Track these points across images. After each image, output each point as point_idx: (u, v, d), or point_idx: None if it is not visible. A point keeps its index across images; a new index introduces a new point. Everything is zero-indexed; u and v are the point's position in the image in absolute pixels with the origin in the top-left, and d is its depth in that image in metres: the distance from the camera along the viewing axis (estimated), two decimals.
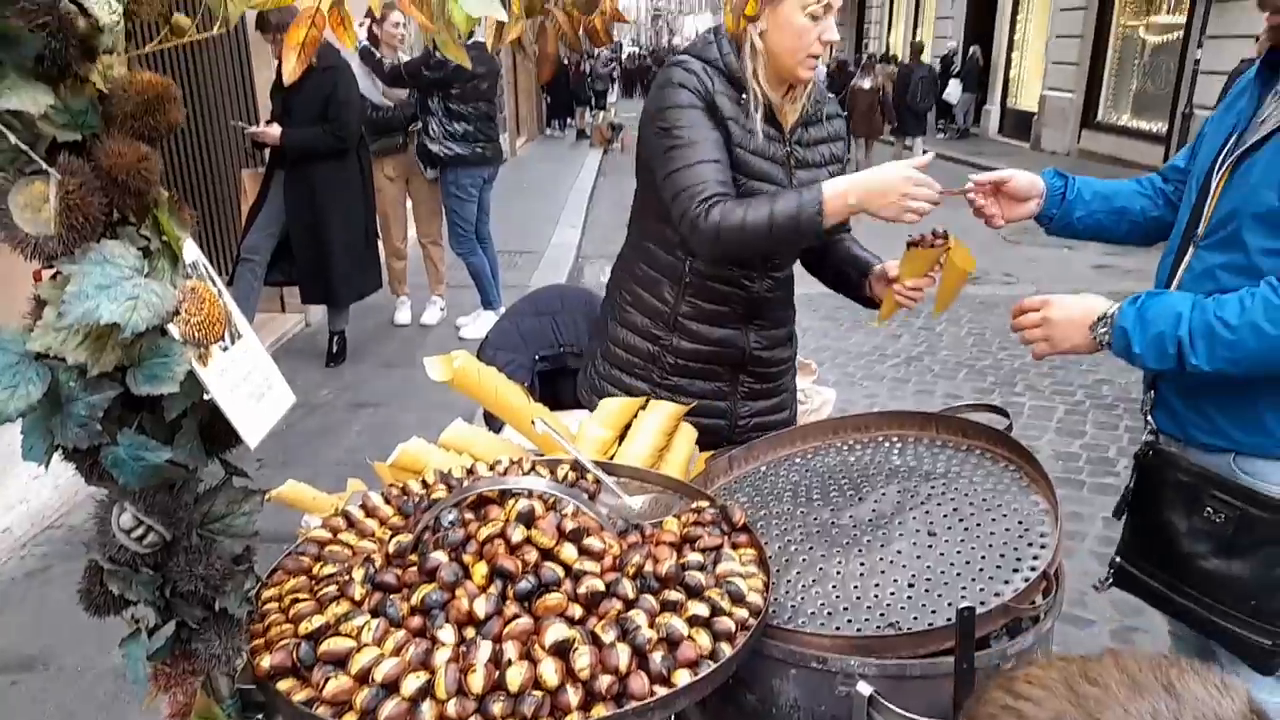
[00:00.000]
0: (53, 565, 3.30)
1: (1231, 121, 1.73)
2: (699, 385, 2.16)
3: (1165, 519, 1.80)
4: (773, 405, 2.23)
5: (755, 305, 2.10)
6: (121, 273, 1.00)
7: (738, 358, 2.14)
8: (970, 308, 6.57)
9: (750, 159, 1.93)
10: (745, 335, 2.12)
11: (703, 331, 2.10)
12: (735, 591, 1.34)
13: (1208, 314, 1.55)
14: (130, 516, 1.08)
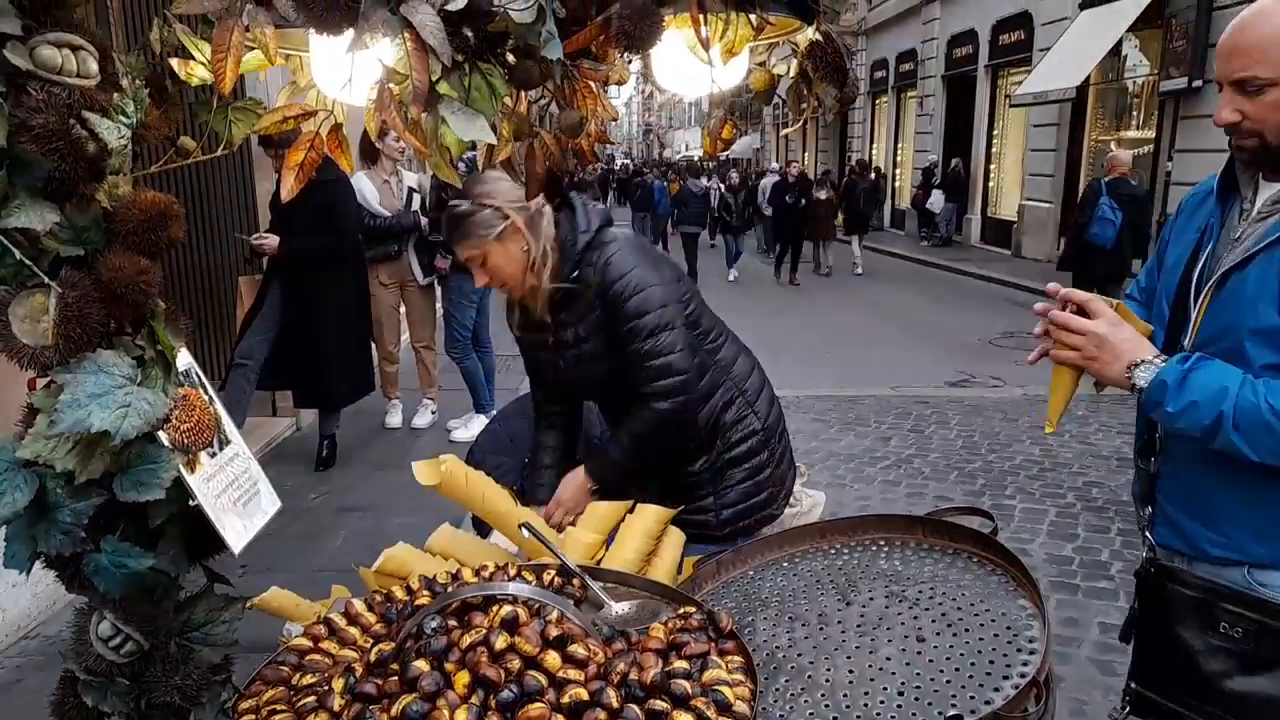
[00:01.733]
0: (25, 678, 3.20)
1: (1194, 234, 1.76)
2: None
3: (1177, 638, 1.70)
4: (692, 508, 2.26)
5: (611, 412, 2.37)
6: (115, 381, 1.02)
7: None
8: (959, 410, 6.62)
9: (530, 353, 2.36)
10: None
11: None
12: (721, 701, 1.32)
13: (1259, 397, 1.47)
14: (109, 625, 1.07)
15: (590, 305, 2.12)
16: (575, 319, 2.16)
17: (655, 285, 2.08)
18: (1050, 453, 5.56)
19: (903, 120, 23.57)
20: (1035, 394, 7.03)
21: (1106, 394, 6.87)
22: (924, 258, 17.21)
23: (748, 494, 2.28)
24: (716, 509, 2.25)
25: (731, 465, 2.26)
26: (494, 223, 2.06)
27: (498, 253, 2.08)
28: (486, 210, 2.05)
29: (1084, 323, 1.63)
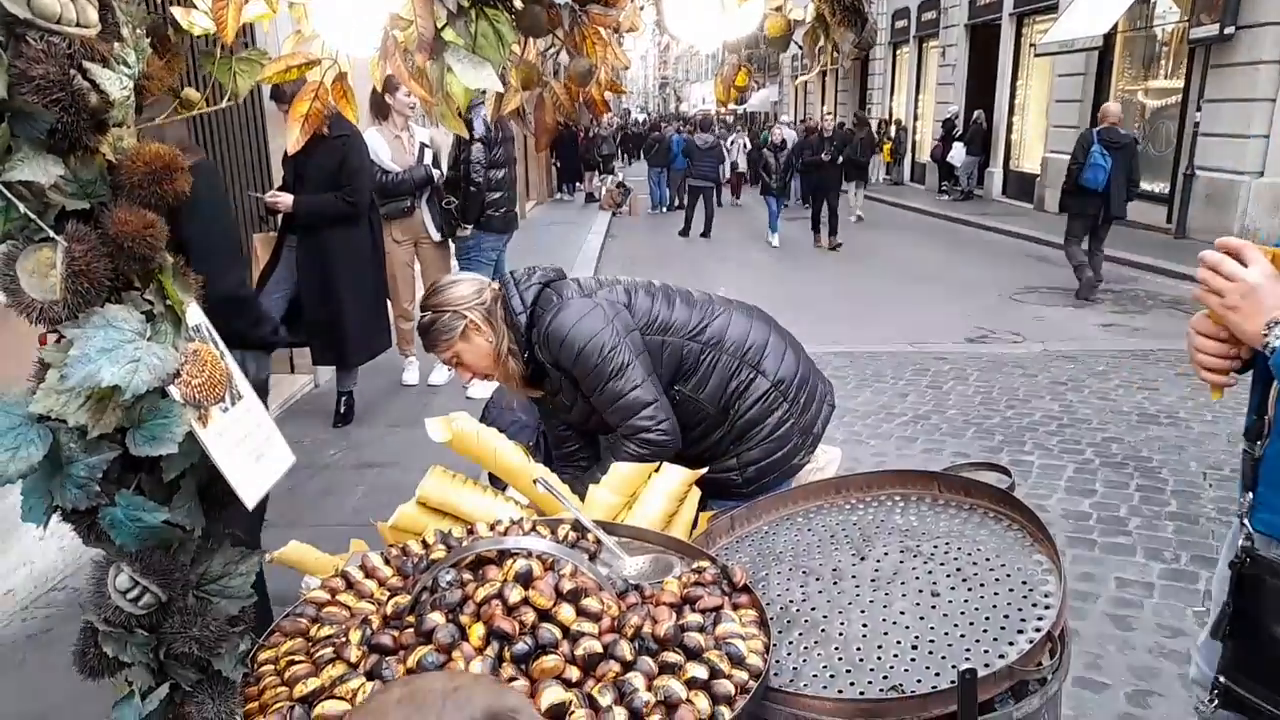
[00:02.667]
0: (54, 627, 3.28)
1: None
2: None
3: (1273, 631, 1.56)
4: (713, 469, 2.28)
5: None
6: (124, 336, 1.02)
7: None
8: (978, 365, 6.57)
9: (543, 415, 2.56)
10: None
11: None
12: (735, 653, 1.32)
13: None
14: (126, 578, 1.08)
15: (557, 375, 2.23)
16: (557, 388, 2.26)
17: (598, 331, 2.14)
18: (1070, 409, 5.52)
19: (924, 71, 23.11)
20: (1055, 350, 6.97)
21: (1127, 349, 6.81)
22: (944, 212, 16.98)
23: (770, 450, 2.27)
24: (740, 467, 2.25)
25: (749, 427, 2.26)
26: (454, 325, 2.20)
27: (467, 351, 2.22)
28: (445, 314, 2.19)
29: (1235, 268, 1.49)
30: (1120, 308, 8.69)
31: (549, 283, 2.26)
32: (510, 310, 2.21)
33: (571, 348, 2.14)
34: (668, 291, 2.34)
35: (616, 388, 2.15)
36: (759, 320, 2.37)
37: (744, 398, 2.26)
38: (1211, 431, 5.06)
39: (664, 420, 2.17)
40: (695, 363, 2.25)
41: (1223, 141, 11.76)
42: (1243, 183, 11.46)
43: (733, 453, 2.28)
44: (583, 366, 2.15)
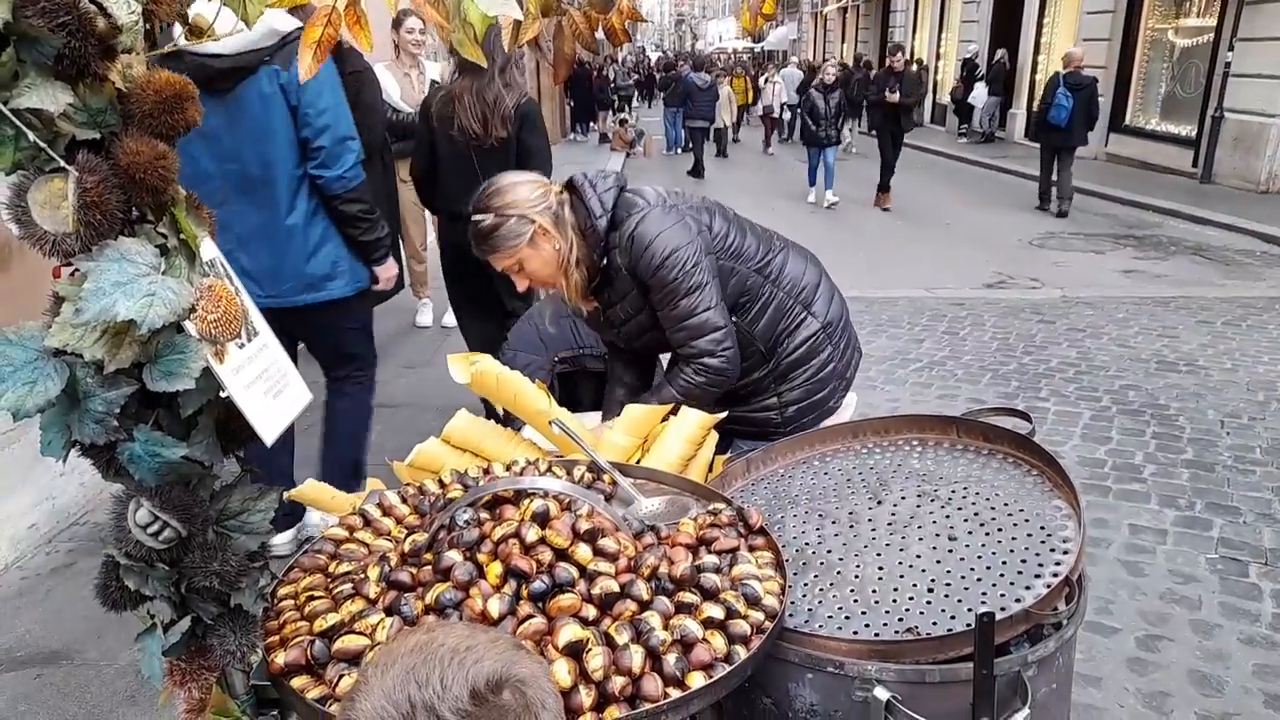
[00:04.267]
0: (77, 561, 3.34)
1: None
2: None
3: None
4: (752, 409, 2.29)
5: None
6: (139, 270, 1.00)
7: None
8: (995, 312, 6.51)
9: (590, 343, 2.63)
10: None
11: None
12: (751, 594, 1.33)
13: None
14: (146, 512, 1.09)
15: (627, 283, 2.13)
16: (618, 298, 2.18)
17: (682, 246, 2.06)
18: (1087, 355, 5.47)
19: (948, 8, 22.49)
20: (1074, 296, 6.89)
21: (1148, 296, 6.72)
22: (963, 155, 16.67)
23: (811, 390, 2.26)
24: (781, 407, 2.24)
25: (794, 368, 2.24)
26: (521, 230, 2.05)
27: (532, 258, 2.09)
28: (510, 219, 2.04)
29: None
30: (1142, 254, 8.56)
31: (623, 187, 2.17)
32: (586, 213, 2.10)
33: (653, 256, 2.05)
34: (739, 219, 2.28)
35: (690, 305, 2.07)
36: (811, 261, 2.35)
37: (793, 337, 2.23)
38: (1230, 380, 5.01)
39: (729, 348, 2.10)
40: (755, 296, 2.20)
41: (1254, 83, 11.44)
42: (1273, 125, 11.18)
43: (773, 391, 2.26)
44: (660, 278, 2.06)
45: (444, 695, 0.71)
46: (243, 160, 2.79)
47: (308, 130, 2.81)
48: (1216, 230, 9.48)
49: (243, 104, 2.73)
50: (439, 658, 0.74)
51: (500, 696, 0.73)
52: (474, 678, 0.73)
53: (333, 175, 2.87)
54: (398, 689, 0.72)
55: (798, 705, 1.38)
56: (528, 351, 3.38)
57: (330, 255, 2.97)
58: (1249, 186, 11.40)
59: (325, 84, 2.83)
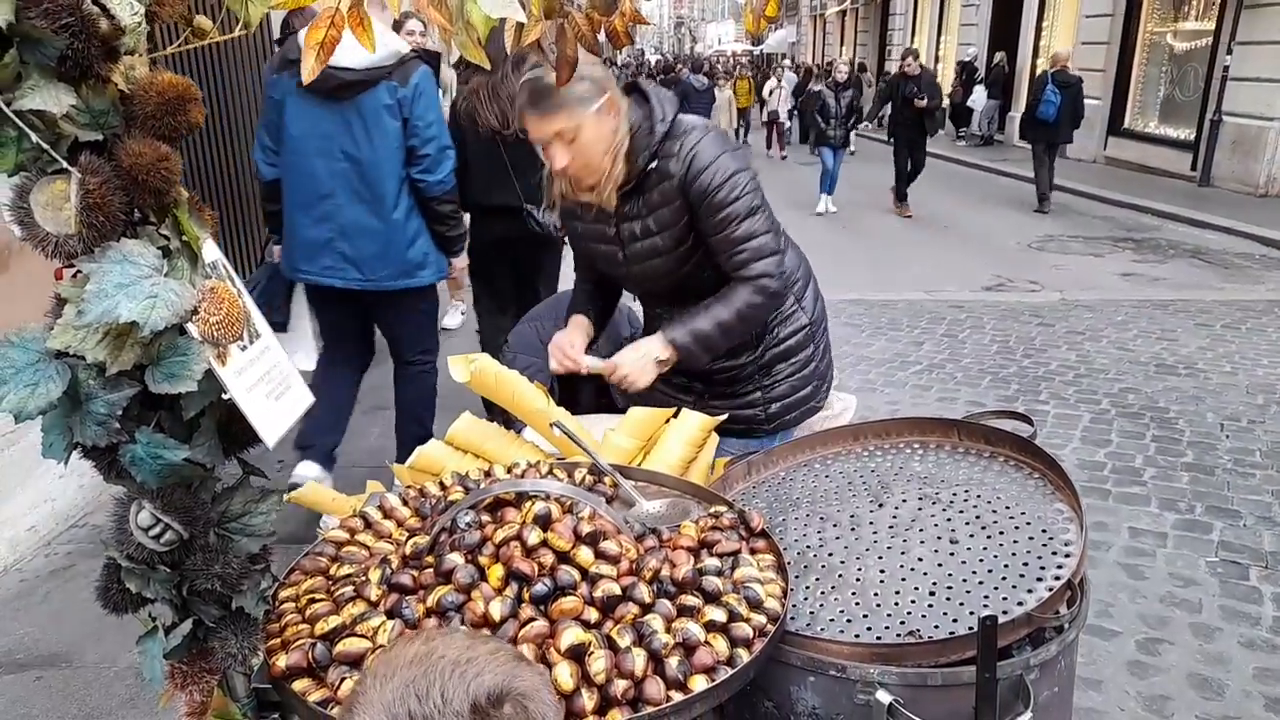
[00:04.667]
0: (76, 563, 3.34)
1: None
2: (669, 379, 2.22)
3: None
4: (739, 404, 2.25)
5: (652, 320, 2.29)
6: (141, 271, 1.00)
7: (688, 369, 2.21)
8: (994, 314, 6.51)
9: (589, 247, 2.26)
10: None
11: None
12: (753, 597, 1.32)
13: None
14: (148, 515, 1.08)
15: (667, 197, 2.04)
16: (645, 211, 2.07)
17: (741, 170, 2.01)
18: (1086, 358, 5.47)
19: (946, 11, 22.53)
20: (1073, 299, 6.90)
21: (1147, 299, 6.74)
22: (962, 158, 16.68)
23: (795, 387, 2.26)
24: (764, 403, 2.23)
25: (779, 360, 2.24)
26: (593, 96, 1.90)
27: (591, 129, 1.93)
28: (585, 81, 1.88)
29: None
30: (1141, 257, 8.57)
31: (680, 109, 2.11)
32: (648, 113, 2.02)
33: (714, 175, 1.98)
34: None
35: (751, 228, 2.01)
36: (803, 259, 2.34)
37: (783, 326, 2.22)
38: (1230, 383, 5.02)
39: (785, 272, 2.07)
40: None
41: (1253, 86, 11.46)
42: (1272, 128, 11.19)
43: (757, 384, 2.24)
44: (721, 199, 1.98)
45: (444, 709, 0.70)
46: (356, 161, 3.19)
47: (415, 139, 3.20)
48: (1215, 233, 9.50)
49: (362, 112, 3.13)
50: (439, 670, 0.73)
51: (501, 711, 0.72)
52: (475, 691, 0.72)
53: (434, 180, 3.29)
54: (397, 702, 0.71)
55: (799, 708, 1.37)
56: (528, 354, 3.37)
57: (423, 247, 3.38)
58: (1248, 190, 11.42)
59: (432, 101, 3.25)
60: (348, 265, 3.29)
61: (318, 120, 3.16)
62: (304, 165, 3.20)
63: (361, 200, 3.22)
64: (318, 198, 3.24)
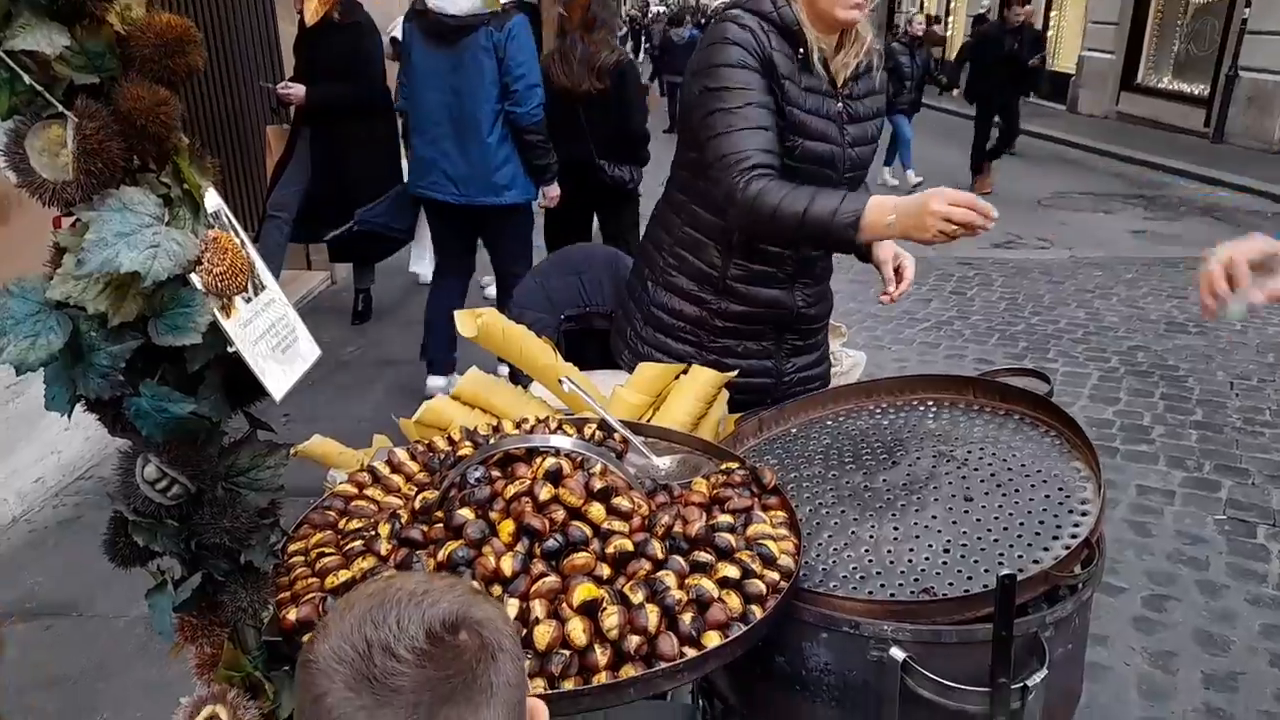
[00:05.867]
0: (84, 514, 3.35)
1: None
2: (746, 346, 2.11)
3: None
4: (814, 360, 2.20)
5: (804, 264, 2.05)
6: (142, 220, 0.97)
7: (786, 318, 2.09)
8: (1003, 271, 6.46)
9: (806, 119, 1.86)
10: (792, 294, 2.07)
11: (752, 293, 2.04)
12: (766, 554, 1.31)
13: None
14: (154, 469, 1.07)
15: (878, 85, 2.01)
16: (864, 92, 1.97)
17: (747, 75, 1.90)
18: (1096, 316, 5.43)
19: None
20: (1084, 256, 6.84)
21: (1158, 256, 6.67)
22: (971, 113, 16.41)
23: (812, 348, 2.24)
24: (777, 373, 2.17)
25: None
26: None
27: None
28: None
29: None
30: (1152, 214, 8.48)
31: None
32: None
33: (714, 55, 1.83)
34: None
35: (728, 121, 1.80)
36: None
37: None
38: (1240, 341, 4.98)
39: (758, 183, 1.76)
40: None
41: (1272, 40, 11.24)
42: None
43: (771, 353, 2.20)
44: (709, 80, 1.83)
45: (399, 636, 0.71)
46: (458, 95, 3.85)
47: (508, 77, 3.78)
48: (1228, 191, 9.38)
49: (463, 54, 3.77)
50: (395, 600, 0.74)
51: (457, 637, 0.73)
52: (430, 618, 0.73)
53: (523, 111, 3.84)
54: (354, 630, 0.72)
55: (811, 664, 1.37)
56: (534, 309, 3.33)
57: (510, 171, 3.95)
58: (1262, 146, 11.26)
59: (524, 44, 3.81)
60: (449, 182, 3.97)
61: (431, 59, 3.84)
62: (420, 97, 3.94)
63: (461, 127, 3.88)
64: (429, 124, 3.96)
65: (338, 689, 0.69)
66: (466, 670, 0.71)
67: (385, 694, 0.69)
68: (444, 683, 0.70)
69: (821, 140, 1.90)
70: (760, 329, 2.10)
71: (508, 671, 0.74)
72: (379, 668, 0.69)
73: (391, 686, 0.69)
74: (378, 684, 0.69)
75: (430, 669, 0.70)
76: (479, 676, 0.71)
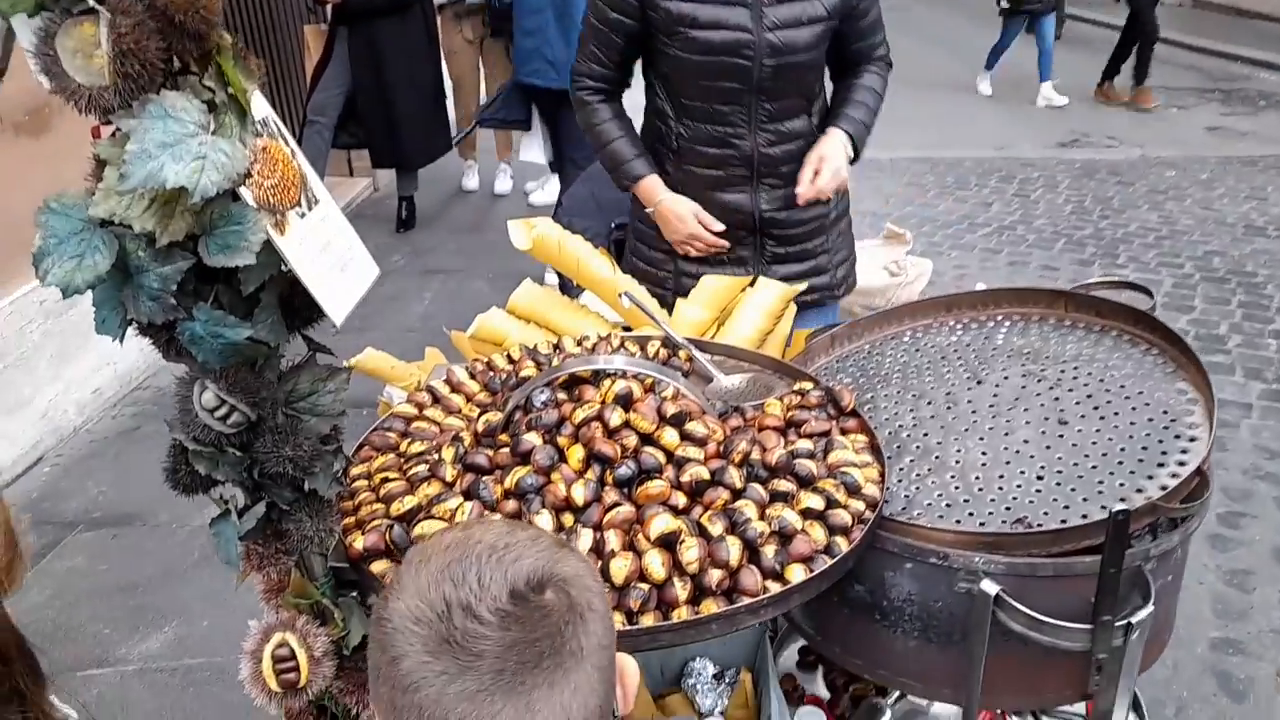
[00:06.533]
0: (142, 425, 3.39)
1: None
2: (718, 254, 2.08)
3: None
4: (806, 270, 2.08)
5: (759, 164, 1.97)
6: (185, 129, 0.89)
7: (747, 221, 2.03)
8: (1069, 173, 6.15)
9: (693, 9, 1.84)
10: (754, 198, 2.00)
11: (706, 198, 2.01)
12: (851, 482, 1.24)
13: None
14: (212, 395, 1.01)
15: None
16: None
17: None
18: (1169, 219, 5.17)
19: None
20: (1155, 155, 6.48)
21: (1234, 155, 6.32)
22: None
23: (850, 244, 2.17)
24: (831, 267, 2.10)
25: (841, 216, 2.11)
26: None
27: None
28: None
29: None
30: (1229, 109, 7.98)
31: None
32: None
33: None
34: None
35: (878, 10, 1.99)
36: None
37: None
38: None
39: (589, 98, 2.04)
40: None
41: None
42: None
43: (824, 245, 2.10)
44: None
45: (481, 594, 0.65)
46: None
47: None
48: None
49: None
50: (476, 554, 0.68)
51: (543, 596, 0.67)
52: (513, 575, 0.66)
53: None
54: (432, 587, 0.66)
55: (893, 594, 1.31)
56: (583, 217, 3.23)
57: None
58: None
59: None
60: (549, 67, 4.19)
61: None
62: None
63: (561, 13, 4.13)
64: (530, 13, 4.24)
65: (415, 652, 0.63)
66: (554, 632, 0.65)
67: (467, 658, 0.63)
68: (530, 646, 0.64)
69: (716, 29, 1.84)
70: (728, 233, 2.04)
71: (597, 632, 0.68)
72: (459, 630, 0.63)
73: (473, 650, 0.63)
74: (458, 647, 0.63)
75: (515, 631, 0.64)
76: (567, 639, 0.65)
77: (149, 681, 2.22)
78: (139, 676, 2.24)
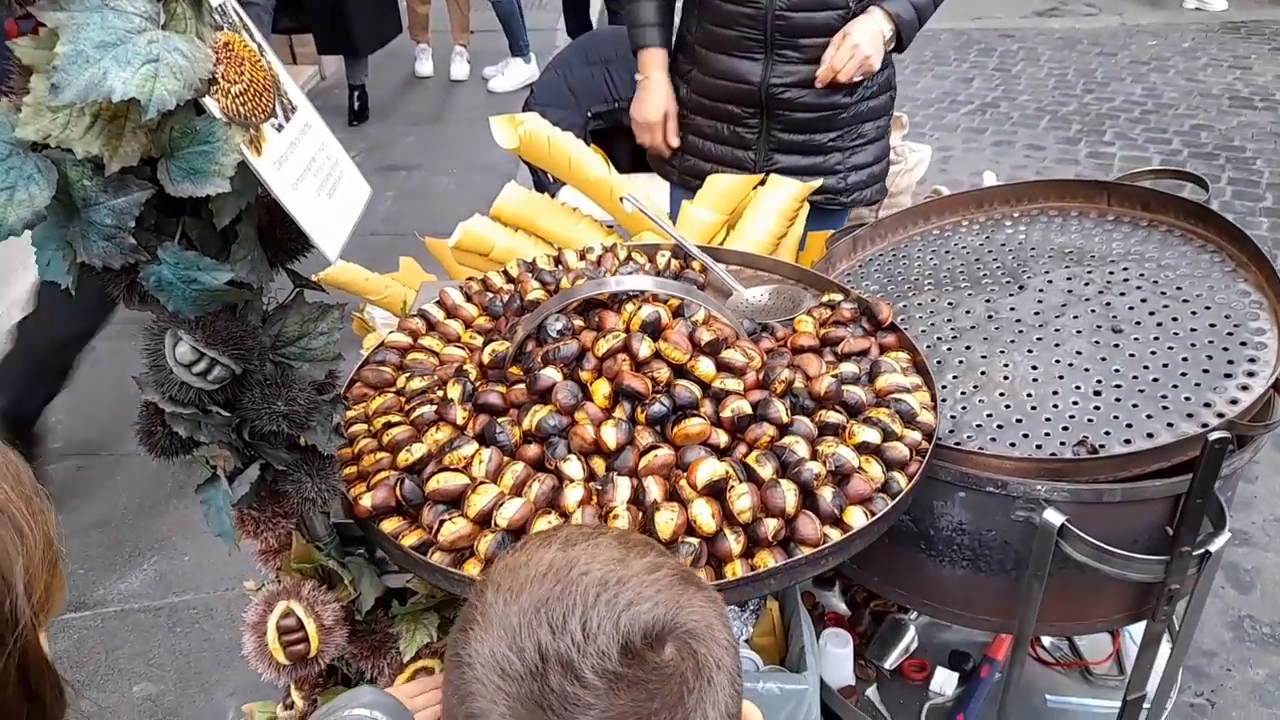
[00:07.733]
0: (96, 346, 3.16)
1: None
2: (717, 127, 1.95)
3: None
4: (809, 165, 1.91)
5: (772, 30, 1.81)
6: (130, 23, 0.70)
7: (754, 95, 1.87)
8: (1049, 44, 5.92)
9: None
10: (765, 67, 1.84)
11: (715, 60, 1.89)
12: (906, 410, 1.13)
13: None
14: (189, 348, 0.86)
15: None
16: None
17: None
18: (1154, 92, 5.01)
19: None
20: (1135, 23, 6.25)
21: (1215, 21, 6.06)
22: None
23: (876, 156, 1.97)
24: (845, 170, 1.93)
25: (866, 118, 1.92)
26: None
27: None
28: None
29: None
30: None
31: None
32: None
33: None
34: None
35: None
36: None
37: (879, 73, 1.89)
38: None
39: None
40: None
41: None
42: None
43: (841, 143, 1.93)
44: None
45: (586, 648, 0.52)
46: None
47: None
48: None
49: None
50: (581, 590, 0.55)
51: (662, 653, 0.54)
52: (627, 626, 0.54)
53: None
54: (524, 631, 0.53)
55: (942, 523, 1.23)
56: (556, 107, 3.00)
57: None
58: None
59: None
60: None
61: None
62: None
63: None
64: None
65: (499, 714, 0.51)
66: (673, 702, 0.53)
67: None
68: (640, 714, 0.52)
69: None
70: (729, 109, 1.92)
71: (724, 699, 0.55)
72: (556, 693, 0.51)
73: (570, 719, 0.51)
74: (552, 714, 0.51)
75: (625, 698, 0.52)
76: (690, 710, 0.53)
77: (132, 623, 2.11)
78: (121, 618, 2.13)
